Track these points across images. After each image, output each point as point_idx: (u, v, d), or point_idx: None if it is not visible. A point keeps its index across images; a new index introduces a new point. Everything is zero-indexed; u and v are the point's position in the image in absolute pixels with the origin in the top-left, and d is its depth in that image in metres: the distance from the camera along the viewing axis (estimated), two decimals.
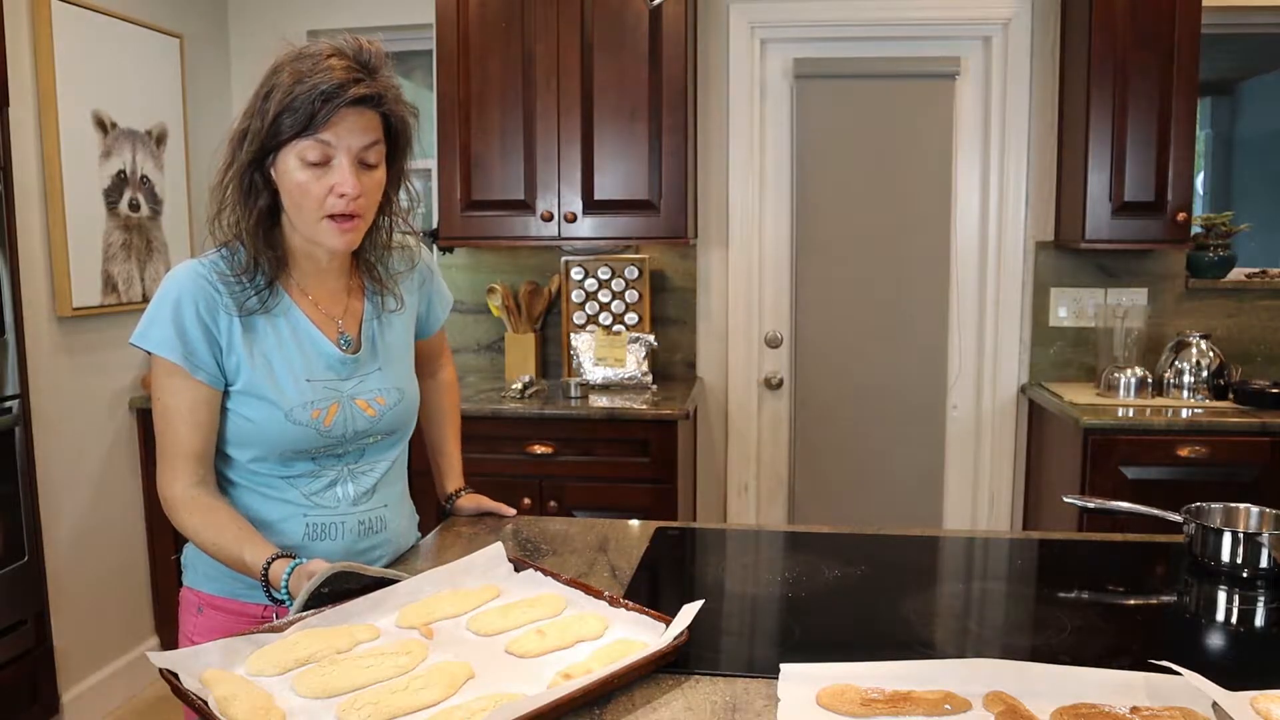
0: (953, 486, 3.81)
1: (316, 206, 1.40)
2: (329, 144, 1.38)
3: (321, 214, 1.41)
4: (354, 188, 1.39)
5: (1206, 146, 4.12)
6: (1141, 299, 3.56)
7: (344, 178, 1.39)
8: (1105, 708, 1.04)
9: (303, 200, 1.41)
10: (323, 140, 1.38)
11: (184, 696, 1.08)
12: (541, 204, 3.40)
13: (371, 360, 1.57)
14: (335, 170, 1.39)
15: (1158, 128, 3.18)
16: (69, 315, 3.05)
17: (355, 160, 1.40)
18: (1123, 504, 1.73)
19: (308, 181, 1.39)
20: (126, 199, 3.30)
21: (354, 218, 1.42)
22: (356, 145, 1.39)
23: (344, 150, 1.39)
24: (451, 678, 1.13)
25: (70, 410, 3.11)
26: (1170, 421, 3.04)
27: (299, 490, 1.51)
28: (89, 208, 3.14)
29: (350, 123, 1.38)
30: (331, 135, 1.38)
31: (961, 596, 1.53)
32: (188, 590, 1.57)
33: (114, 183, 3.24)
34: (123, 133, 3.27)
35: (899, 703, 1.06)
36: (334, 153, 1.39)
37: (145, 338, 1.43)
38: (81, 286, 3.10)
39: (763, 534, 1.89)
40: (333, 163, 1.39)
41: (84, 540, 3.15)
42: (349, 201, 1.40)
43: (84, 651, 3.15)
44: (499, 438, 3.17)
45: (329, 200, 1.40)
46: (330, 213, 1.41)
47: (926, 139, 3.67)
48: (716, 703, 1.11)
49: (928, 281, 3.73)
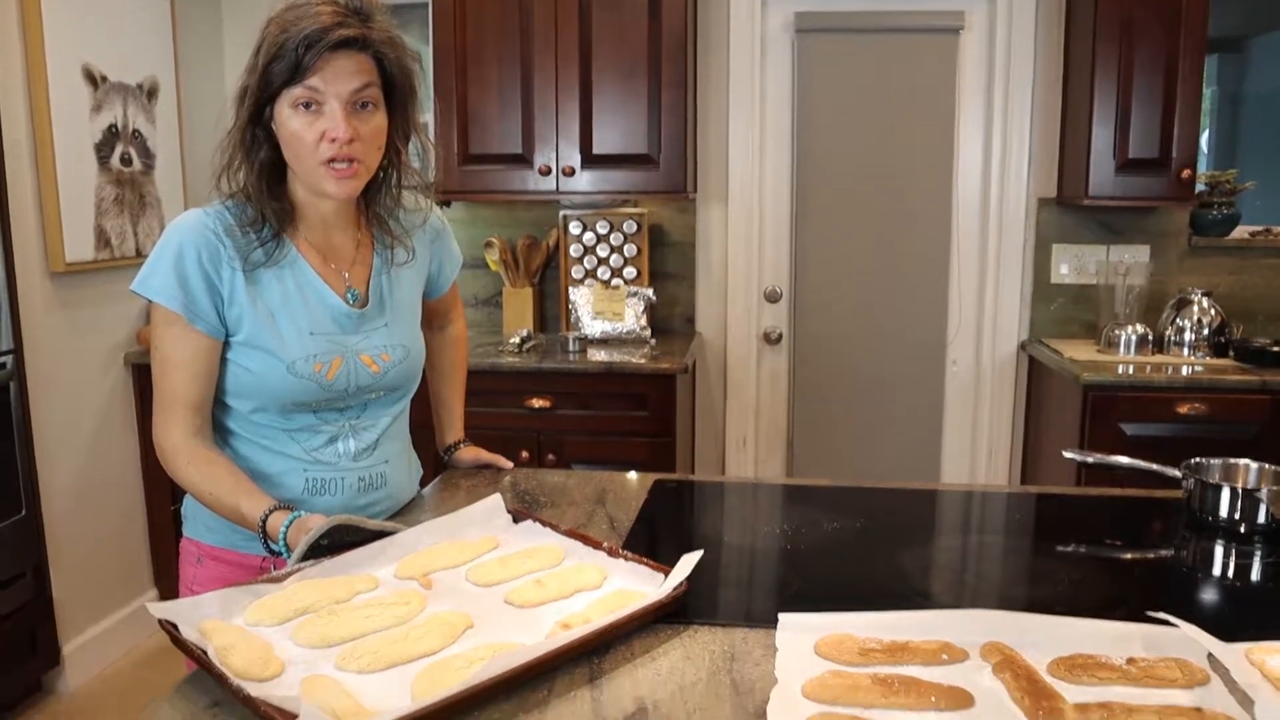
0: (951, 441, 3.82)
1: (311, 153, 1.40)
2: (317, 89, 1.37)
3: (318, 161, 1.40)
4: (345, 131, 1.38)
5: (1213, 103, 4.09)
6: (1144, 256, 3.55)
7: (334, 122, 1.38)
8: (1102, 658, 1.05)
9: (298, 148, 1.40)
10: (311, 86, 1.37)
11: (183, 647, 1.08)
12: (539, 158, 3.37)
13: (378, 315, 1.56)
14: (327, 115, 1.38)
15: (1164, 84, 3.15)
16: (62, 271, 3.04)
17: (347, 105, 1.39)
18: (1122, 459, 1.73)
19: (301, 129, 1.39)
20: (118, 153, 3.27)
21: (352, 164, 1.41)
22: (346, 90, 1.38)
23: (334, 95, 1.38)
24: (450, 627, 1.13)
25: (65, 366, 3.10)
26: (1170, 379, 3.04)
27: (299, 445, 1.51)
28: (80, 162, 3.10)
29: (338, 66, 1.37)
30: (319, 80, 1.37)
31: (959, 549, 1.54)
32: (187, 541, 1.58)
33: (105, 137, 3.21)
34: (113, 86, 3.23)
35: (897, 652, 1.07)
36: (324, 98, 1.38)
37: (145, 285, 1.42)
38: (74, 242, 3.08)
39: (761, 487, 1.90)
40: (324, 108, 1.38)
41: (82, 494, 3.16)
42: (341, 145, 1.39)
43: (83, 603, 3.17)
44: (497, 392, 3.17)
45: (322, 146, 1.39)
46: (326, 159, 1.40)
47: (929, 94, 3.63)
48: (715, 652, 1.11)
49: (929, 237, 3.71)
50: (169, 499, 3.38)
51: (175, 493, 1.52)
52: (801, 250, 3.77)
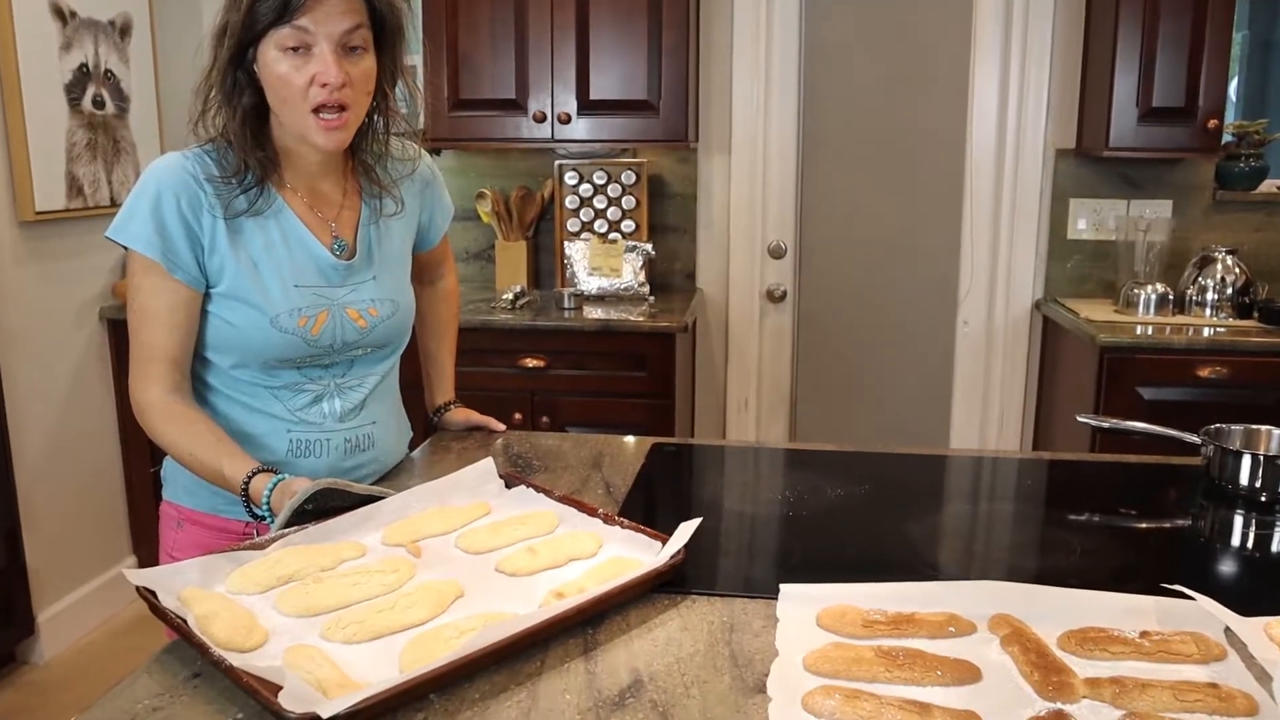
0: (961, 404, 3.83)
1: (300, 98, 1.38)
2: (307, 30, 1.36)
3: (307, 107, 1.39)
4: (336, 75, 1.37)
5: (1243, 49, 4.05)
6: (1166, 211, 3.53)
7: (326, 66, 1.37)
8: (1114, 632, 1.05)
9: (285, 93, 1.39)
10: (300, 27, 1.35)
11: (162, 615, 1.08)
12: (534, 104, 3.34)
13: (366, 268, 1.55)
14: (316, 58, 1.37)
15: (1191, 28, 3.11)
16: (31, 220, 3.02)
17: (337, 47, 1.37)
18: (1138, 424, 1.73)
19: (289, 72, 1.37)
20: (90, 95, 3.23)
21: (342, 111, 1.40)
22: (337, 30, 1.37)
23: (324, 36, 1.36)
24: (440, 596, 1.14)
25: (36, 320, 3.09)
26: (1191, 340, 3.04)
27: (283, 404, 1.51)
28: (49, 104, 3.07)
29: (329, 6, 1.36)
30: (309, 21, 1.35)
31: (968, 517, 1.55)
32: (167, 504, 1.58)
33: (76, 77, 3.17)
34: (83, 22, 3.19)
35: (902, 624, 1.07)
36: (313, 40, 1.36)
37: (122, 231, 1.41)
38: (44, 189, 3.05)
39: (763, 451, 1.90)
40: (313, 51, 1.37)
41: (55, 456, 3.17)
42: (332, 91, 1.37)
43: (59, 570, 3.19)
44: (489, 350, 3.16)
45: (312, 91, 1.38)
46: (315, 105, 1.39)
47: (943, 37, 3.59)
48: (714, 623, 1.12)
49: (940, 190, 3.69)
50: (148, 461, 3.38)
51: (154, 454, 1.52)
52: (807, 203, 3.75)
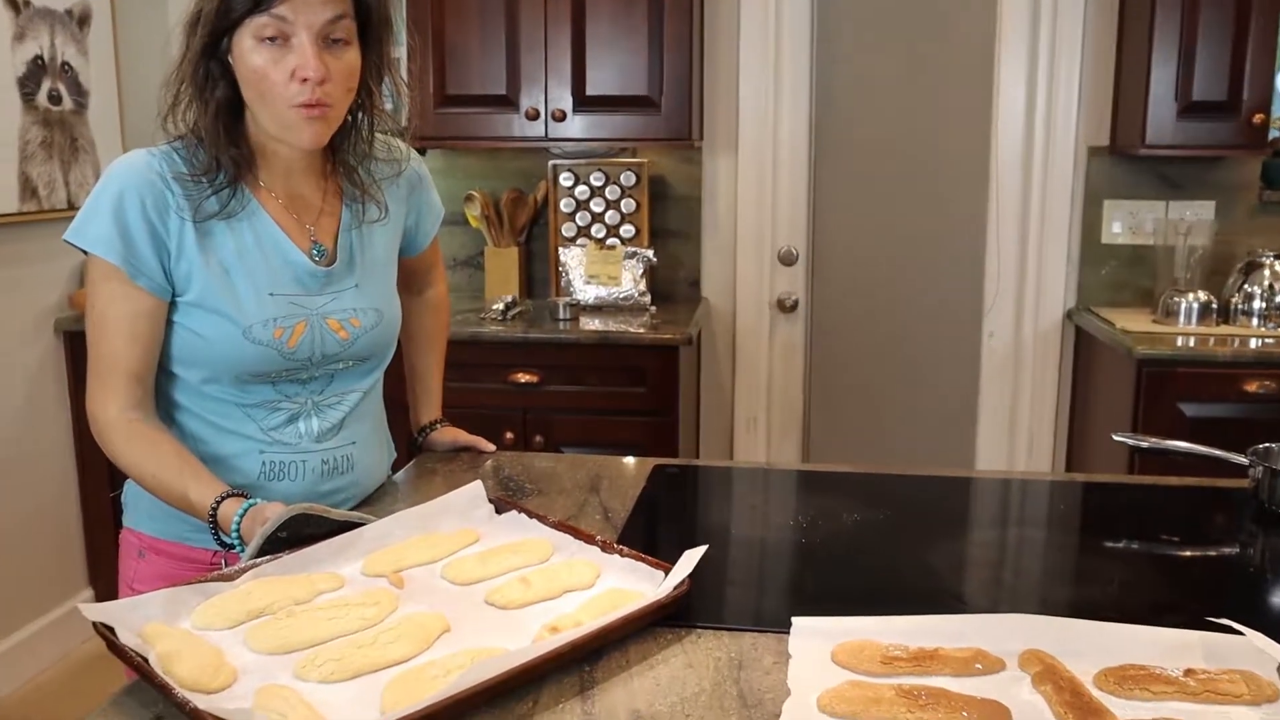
0: (987, 423, 3.83)
1: (279, 94, 1.38)
2: (286, 20, 1.35)
3: (287, 103, 1.39)
4: (316, 69, 1.37)
5: None
6: (1208, 213, 3.54)
7: (305, 59, 1.36)
8: (1156, 670, 1.05)
9: (262, 87, 1.38)
10: (279, 15, 1.35)
11: (121, 653, 1.08)
12: (526, 100, 3.35)
13: (347, 275, 1.55)
14: (295, 50, 1.37)
15: (1235, 15, 3.13)
16: None
17: (318, 38, 1.37)
18: (1180, 443, 1.73)
19: (265, 65, 1.37)
20: (45, 89, 3.24)
21: (322, 105, 1.40)
22: (318, 20, 1.37)
23: (304, 26, 1.36)
24: (424, 631, 1.14)
25: None
26: (1236, 352, 3.04)
27: (256, 423, 1.51)
28: (1, 99, 3.08)
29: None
30: (288, 10, 1.35)
31: (996, 545, 1.54)
32: (128, 532, 1.58)
33: (30, 70, 3.18)
34: (38, 11, 3.20)
35: (924, 661, 1.07)
36: (292, 30, 1.36)
37: (81, 234, 1.41)
38: None
39: (773, 473, 1.90)
40: (292, 41, 1.37)
41: (5, 479, 3.16)
42: (313, 86, 1.37)
43: (9, 605, 3.18)
44: (478, 365, 3.17)
45: (291, 86, 1.38)
46: (296, 102, 1.39)
47: (966, 27, 3.61)
48: (721, 659, 1.12)
49: (964, 192, 3.70)
50: (107, 484, 3.38)
51: (114, 478, 1.51)
52: (820, 206, 3.76)
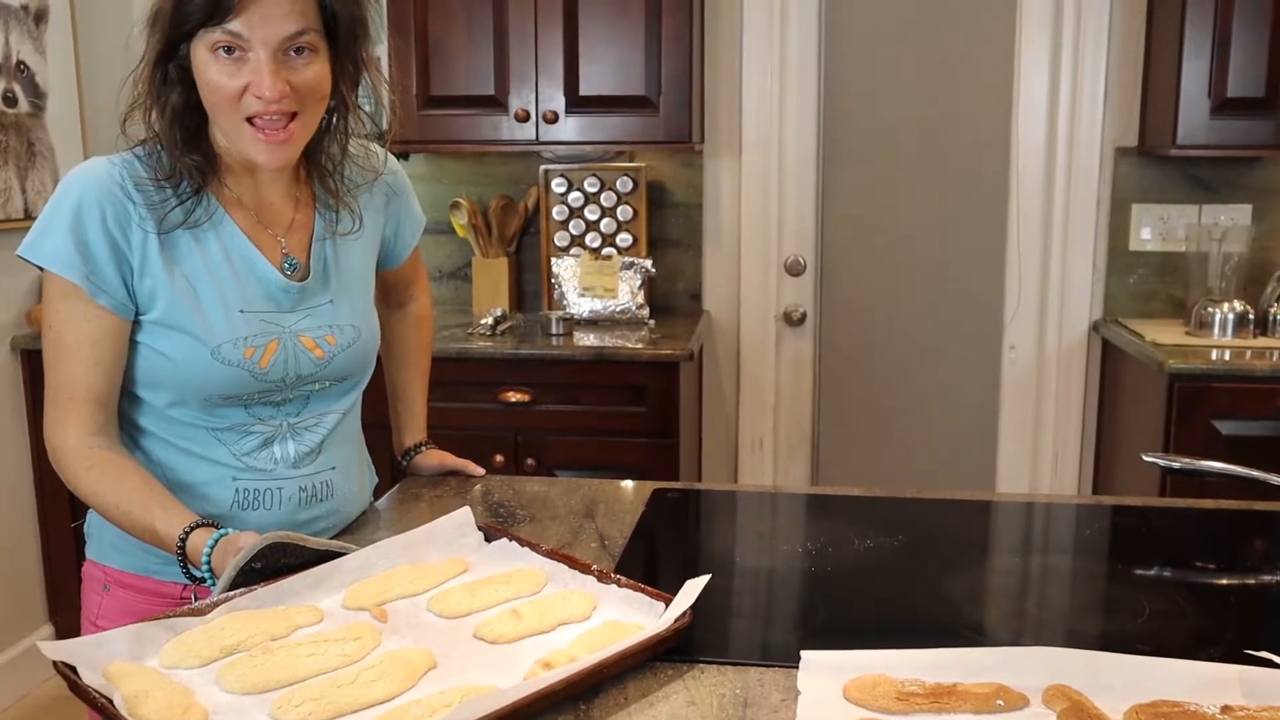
0: (1008, 442, 3.83)
1: (231, 108, 1.38)
2: (239, 35, 1.35)
3: (239, 116, 1.38)
4: (272, 89, 1.36)
5: None
6: (1244, 218, 3.54)
7: (260, 77, 1.35)
8: (1191, 706, 1.05)
9: (215, 99, 1.38)
10: (232, 32, 1.34)
11: (84, 695, 1.07)
12: (515, 101, 3.36)
13: (322, 290, 1.56)
14: (251, 66, 1.36)
15: (1272, 6, 3.13)
16: None
17: (276, 54, 1.36)
18: (1215, 464, 1.73)
19: (219, 78, 1.37)
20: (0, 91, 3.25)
21: (284, 127, 1.40)
22: (276, 36, 1.36)
23: (260, 42, 1.35)
24: (409, 668, 1.13)
25: None
26: (1275, 366, 3.04)
27: (227, 448, 1.50)
28: None
29: (268, 8, 1.34)
30: (242, 25, 1.34)
31: (1018, 573, 1.54)
32: (91, 564, 1.58)
33: None
34: None
35: (942, 697, 1.07)
36: (249, 45, 1.35)
37: (37, 249, 1.41)
38: None
39: (780, 497, 1.90)
40: (249, 56, 1.36)
41: None
42: (267, 104, 1.37)
43: None
44: (465, 383, 3.16)
45: (246, 99, 1.37)
46: (248, 114, 1.38)
47: (984, 21, 3.62)
48: (725, 696, 1.12)
49: (982, 196, 3.71)
50: (68, 515, 3.36)
51: (76, 507, 1.51)
52: (829, 213, 3.77)
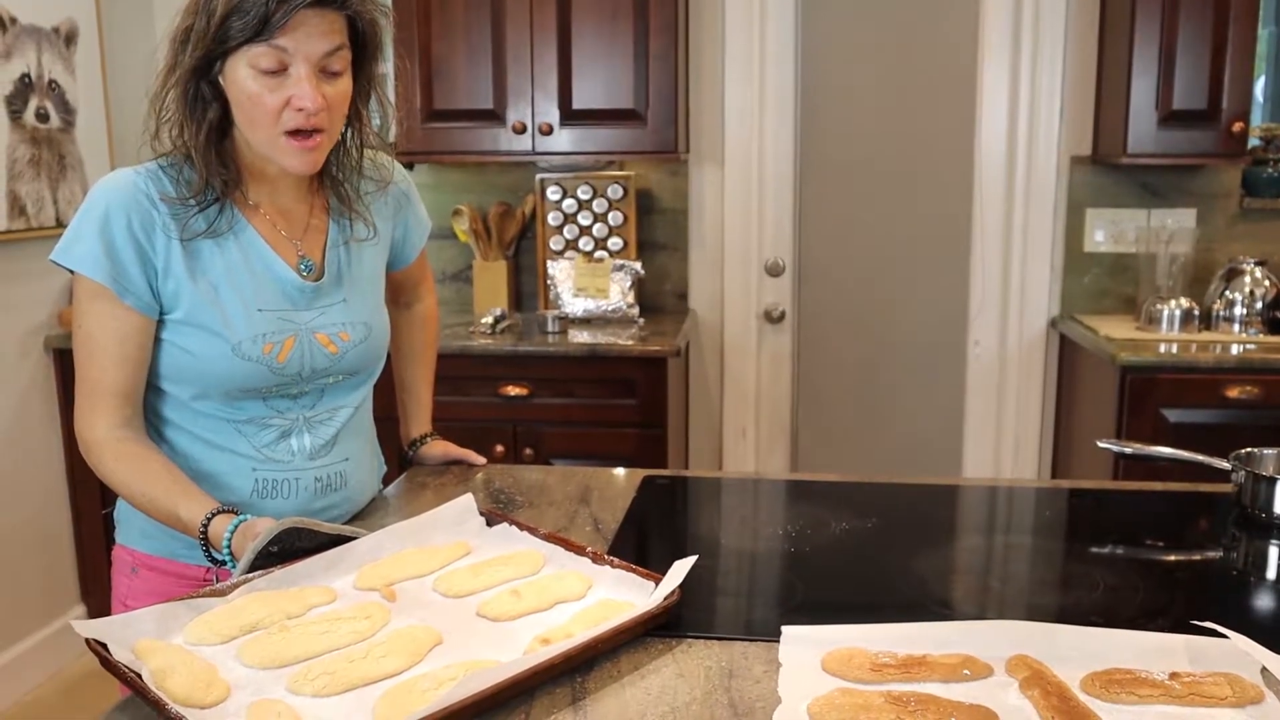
0: (973, 430, 3.84)
1: (272, 121, 1.38)
2: (285, 51, 1.35)
3: (279, 130, 1.39)
4: (314, 101, 1.36)
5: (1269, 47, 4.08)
6: (1189, 221, 3.56)
7: (303, 90, 1.36)
8: (1142, 673, 1.05)
9: (256, 114, 1.38)
10: (278, 46, 1.34)
11: (115, 670, 1.08)
12: (513, 114, 3.36)
13: (335, 289, 1.56)
14: (293, 81, 1.36)
15: (1213, 25, 3.14)
16: None
17: (316, 69, 1.37)
18: (1164, 449, 1.74)
19: (261, 93, 1.37)
20: (33, 108, 3.24)
21: (316, 134, 1.40)
22: (317, 52, 1.36)
23: (302, 58, 1.36)
24: (416, 644, 1.14)
25: None
26: (1219, 359, 3.05)
27: (248, 440, 1.50)
28: None
29: (311, 26, 1.35)
30: (288, 41, 1.34)
31: (982, 552, 1.55)
32: (121, 549, 1.58)
33: (17, 88, 3.18)
34: (25, 29, 3.19)
35: (913, 668, 1.08)
36: (291, 60, 1.35)
37: (67, 253, 1.41)
38: None
39: (762, 483, 1.90)
40: (290, 71, 1.36)
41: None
42: (308, 116, 1.37)
43: (0, 622, 3.17)
44: (467, 378, 3.16)
45: (286, 114, 1.38)
46: (288, 128, 1.39)
47: (948, 39, 3.62)
48: (711, 668, 1.12)
49: (947, 202, 3.71)
50: (98, 502, 3.36)
51: (105, 496, 1.51)
52: (806, 218, 3.77)
